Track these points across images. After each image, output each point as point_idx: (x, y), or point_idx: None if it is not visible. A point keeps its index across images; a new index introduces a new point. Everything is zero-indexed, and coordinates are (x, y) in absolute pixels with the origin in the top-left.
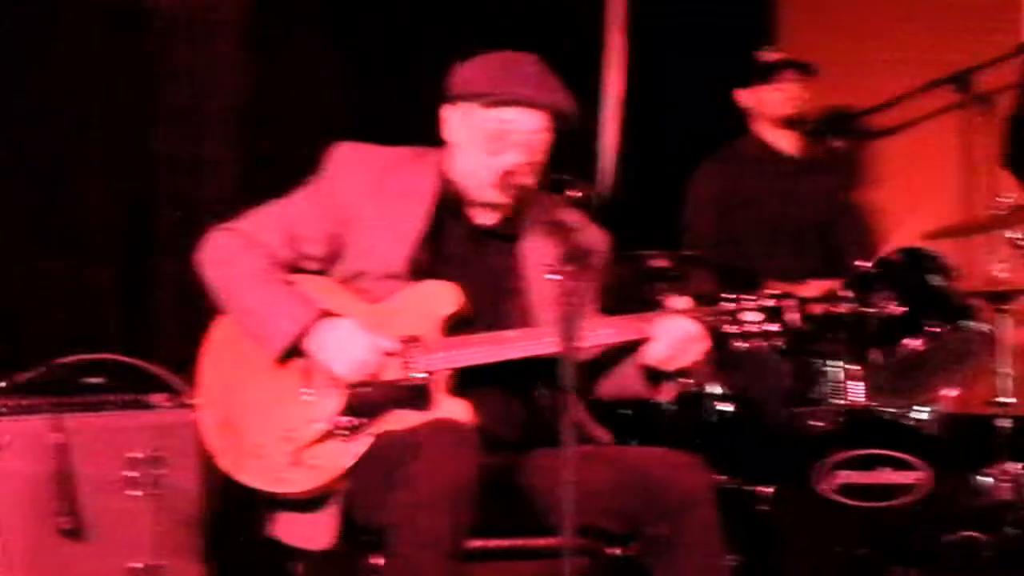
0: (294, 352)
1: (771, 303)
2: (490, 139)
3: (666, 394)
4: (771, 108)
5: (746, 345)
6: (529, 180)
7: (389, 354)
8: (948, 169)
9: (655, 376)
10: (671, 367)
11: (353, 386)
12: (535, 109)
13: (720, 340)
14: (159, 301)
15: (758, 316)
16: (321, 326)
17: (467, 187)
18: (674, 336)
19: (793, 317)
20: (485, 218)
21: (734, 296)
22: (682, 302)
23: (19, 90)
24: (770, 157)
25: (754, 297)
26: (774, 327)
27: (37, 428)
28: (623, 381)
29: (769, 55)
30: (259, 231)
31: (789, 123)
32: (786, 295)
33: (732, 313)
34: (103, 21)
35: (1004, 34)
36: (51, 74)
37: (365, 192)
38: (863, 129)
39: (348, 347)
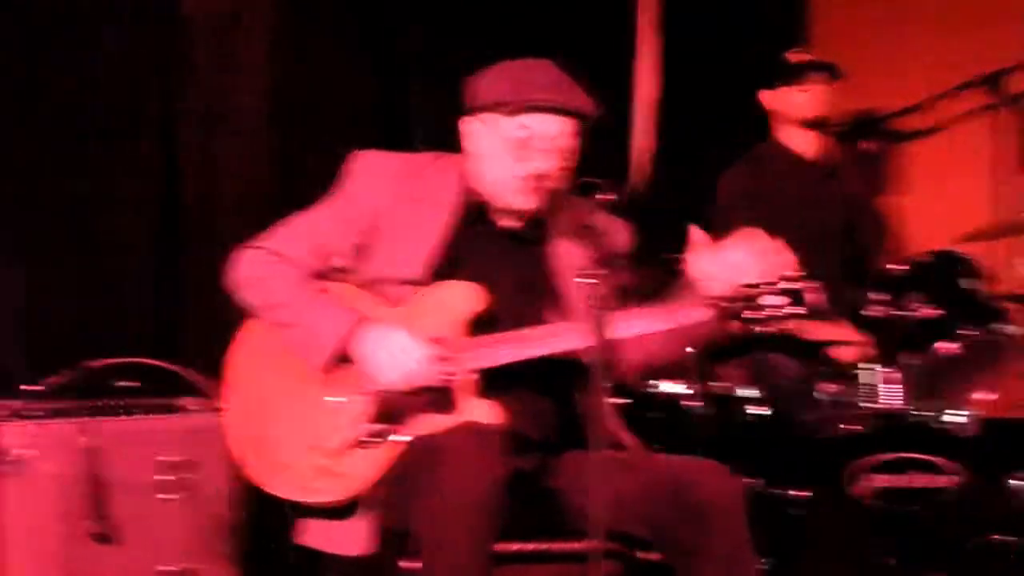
0: (339, 360)
1: (791, 286)
2: (514, 148)
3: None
4: (795, 110)
5: (768, 330)
6: (556, 185)
7: (439, 359)
8: (980, 172)
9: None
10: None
11: (376, 392)
12: (557, 115)
13: (741, 325)
14: (189, 304)
15: (779, 300)
16: (368, 333)
17: (492, 195)
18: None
19: (815, 299)
20: (511, 222)
21: (754, 283)
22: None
23: (46, 90)
24: (793, 161)
25: (774, 281)
26: (795, 310)
27: (68, 432)
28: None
29: (795, 56)
30: (287, 247)
31: (813, 125)
32: (806, 276)
33: (750, 299)
34: (129, 21)
35: None
36: (77, 75)
37: (387, 199)
38: (893, 132)
39: (398, 358)
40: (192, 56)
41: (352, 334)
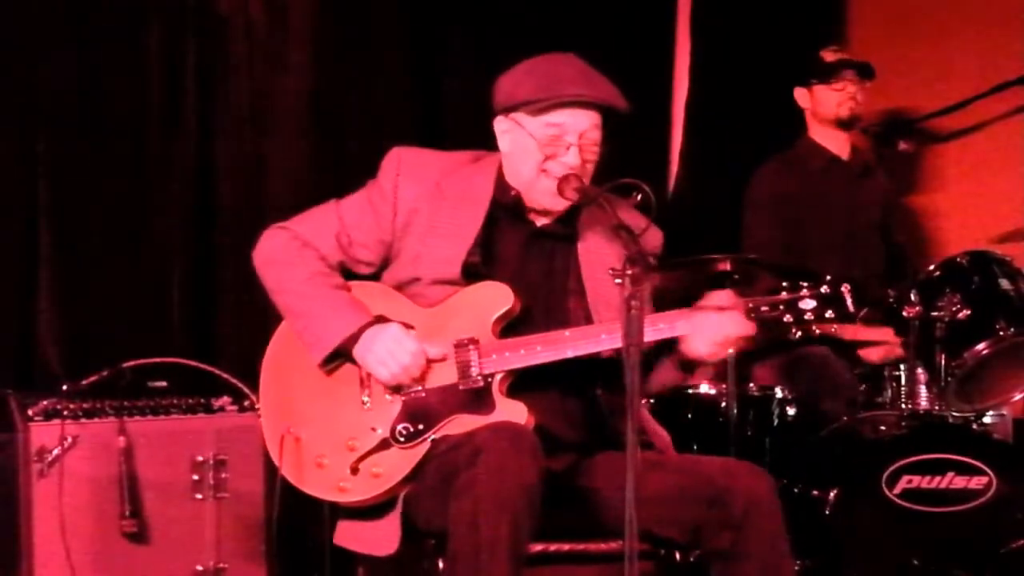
0: (344, 359)
1: (826, 290)
2: (544, 145)
3: (699, 377)
4: (828, 108)
5: (802, 334)
6: (587, 180)
7: (437, 360)
8: (1017, 171)
9: (688, 365)
10: (707, 361)
11: (407, 392)
12: (584, 108)
13: (779, 330)
14: (225, 305)
15: (813, 304)
16: (368, 333)
17: (526, 193)
18: (710, 330)
19: (850, 303)
20: (543, 220)
21: (789, 285)
22: (723, 297)
23: (86, 92)
24: (827, 159)
25: (809, 286)
26: (830, 314)
27: (103, 431)
28: (656, 374)
29: (829, 54)
30: (313, 234)
31: (845, 124)
32: (841, 280)
33: (788, 303)
34: (168, 23)
35: None
36: (115, 78)
37: (422, 198)
38: (931, 131)
39: (394, 351)
40: (231, 57)
41: (356, 337)
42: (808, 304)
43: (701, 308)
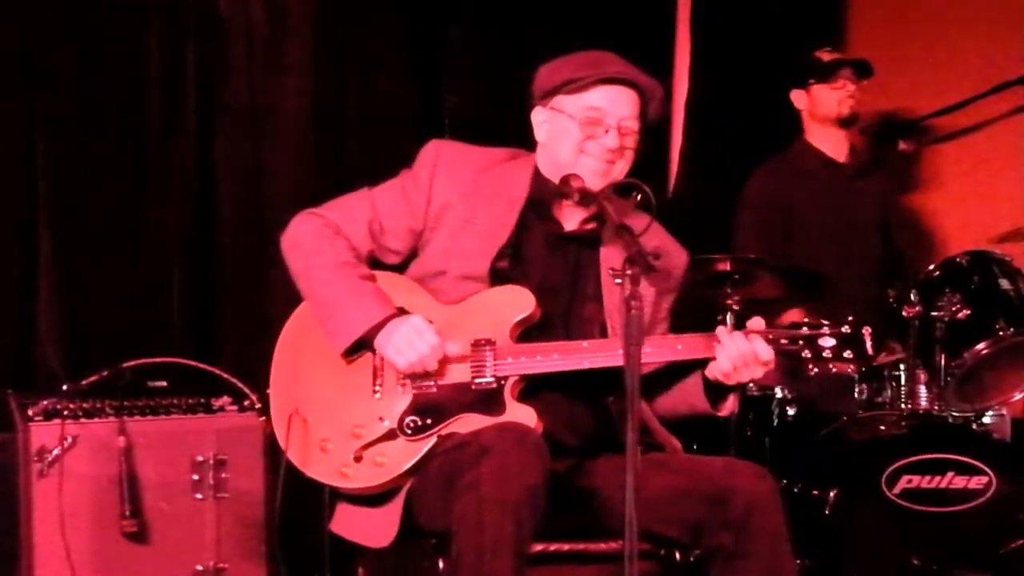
0: (364, 349)
1: (847, 331)
2: (584, 125)
3: (726, 411)
4: (828, 107)
5: (819, 370)
6: (627, 166)
7: (454, 359)
8: (1016, 171)
9: (716, 392)
10: (732, 382)
11: (419, 386)
12: (625, 87)
13: (795, 363)
14: (224, 305)
15: (833, 343)
16: (391, 324)
17: (557, 186)
18: (739, 353)
19: (869, 346)
20: (571, 222)
21: (810, 322)
22: (758, 323)
23: (87, 92)
24: (823, 161)
25: (830, 324)
26: (849, 354)
27: (103, 431)
28: (682, 396)
29: (825, 55)
30: (345, 221)
31: (846, 122)
32: (862, 323)
33: (808, 339)
34: (168, 23)
35: None
36: (115, 78)
37: (458, 192)
38: (930, 131)
39: (412, 341)
40: (231, 57)
41: (379, 328)
42: (828, 342)
43: (726, 332)
